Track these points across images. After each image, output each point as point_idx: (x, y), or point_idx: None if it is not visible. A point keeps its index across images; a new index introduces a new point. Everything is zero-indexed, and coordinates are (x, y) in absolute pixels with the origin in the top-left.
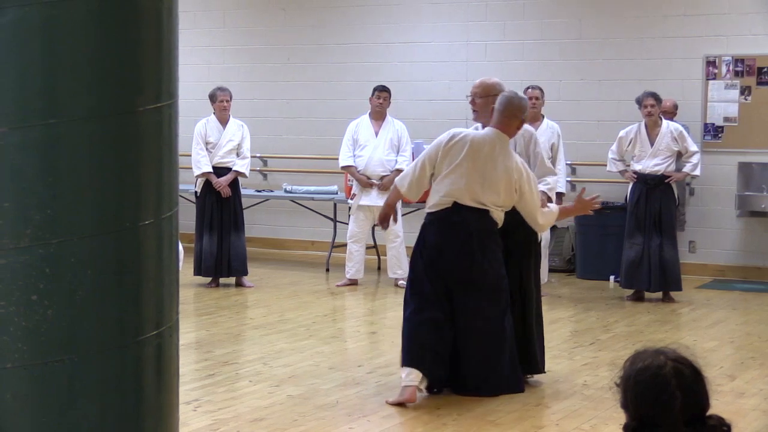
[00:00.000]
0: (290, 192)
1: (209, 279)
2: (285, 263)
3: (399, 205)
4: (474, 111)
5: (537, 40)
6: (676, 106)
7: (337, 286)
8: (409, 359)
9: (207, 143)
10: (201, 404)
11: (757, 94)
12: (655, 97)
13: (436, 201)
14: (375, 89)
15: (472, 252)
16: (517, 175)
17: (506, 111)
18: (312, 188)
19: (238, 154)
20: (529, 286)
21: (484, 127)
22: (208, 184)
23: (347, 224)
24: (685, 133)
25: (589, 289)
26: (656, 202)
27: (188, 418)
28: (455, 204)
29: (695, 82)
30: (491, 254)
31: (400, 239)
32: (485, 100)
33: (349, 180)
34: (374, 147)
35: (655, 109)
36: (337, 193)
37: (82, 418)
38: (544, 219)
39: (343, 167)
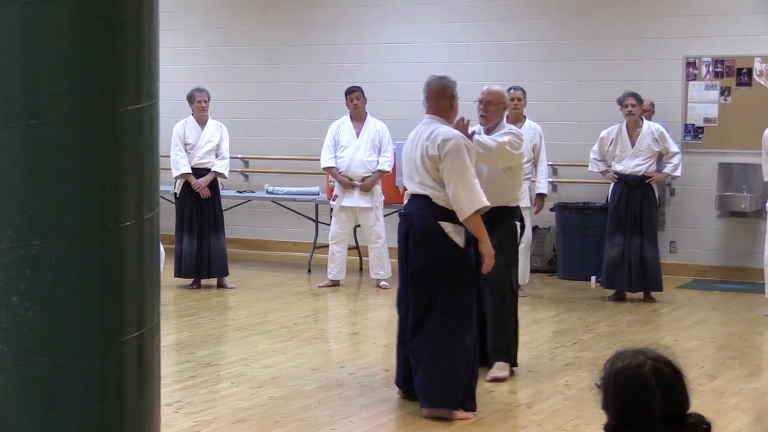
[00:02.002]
0: (272, 193)
1: (190, 280)
2: (267, 264)
3: (381, 205)
4: (482, 116)
5: (519, 40)
6: (652, 105)
7: (319, 287)
8: (396, 377)
9: (185, 144)
10: (183, 406)
11: (737, 95)
12: (636, 97)
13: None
14: (346, 93)
15: (409, 245)
16: (436, 133)
17: (432, 94)
18: (293, 189)
19: (217, 155)
20: (501, 278)
21: (488, 131)
22: (187, 185)
23: (329, 225)
24: (666, 133)
25: (570, 289)
26: (637, 202)
27: (170, 420)
28: (410, 196)
29: (675, 83)
30: (431, 248)
31: (382, 240)
32: (497, 107)
33: (330, 181)
34: (356, 148)
35: (635, 109)
36: (318, 194)
37: (64, 420)
38: (467, 197)
39: (325, 168)
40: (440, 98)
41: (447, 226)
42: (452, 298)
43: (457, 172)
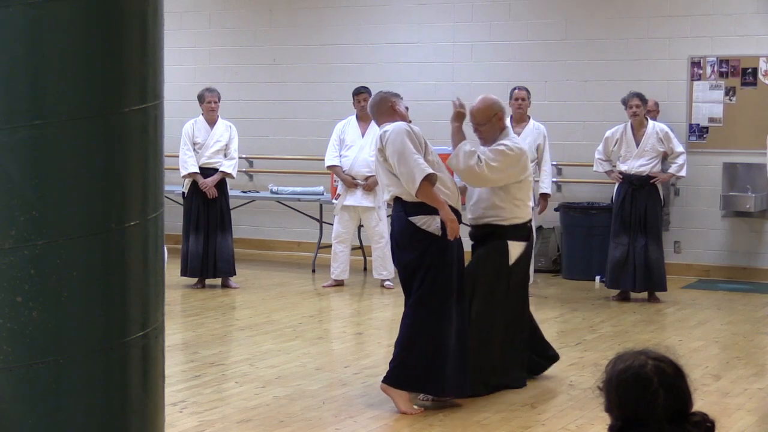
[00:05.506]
0: (276, 193)
1: (195, 280)
2: (271, 264)
3: (384, 205)
4: (481, 138)
5: (523, 40)
6: (657, 105)
7: (323, 287)
8: None
9: (194, 144)
10: (187, 405)
11: (742, 94)
12: (641, 97)
13: None
14: (353, 93)
15: (393, 246)
16: (381, 130)
17: (374, 109)
18: (298, 189)
19: (225, 155)
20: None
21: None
22: (195, 185)
23: (333, 225)
24: (670, 133)
25: (574, 289)
26: (642, 202)
27: (175, 420)
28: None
29: (680, 83)
30: (409, 247)
31: (386, 240)
32: (489, 125)
33: (335, 181)
34: (360, 147)
35: (640, 109)
36: (323, 194)
37: (68, 420)
38: (409, 172)
39: (329, 167)
40: (381, 107)
41: (418, 220)
42: (434, 285)
43: (398, 153)
